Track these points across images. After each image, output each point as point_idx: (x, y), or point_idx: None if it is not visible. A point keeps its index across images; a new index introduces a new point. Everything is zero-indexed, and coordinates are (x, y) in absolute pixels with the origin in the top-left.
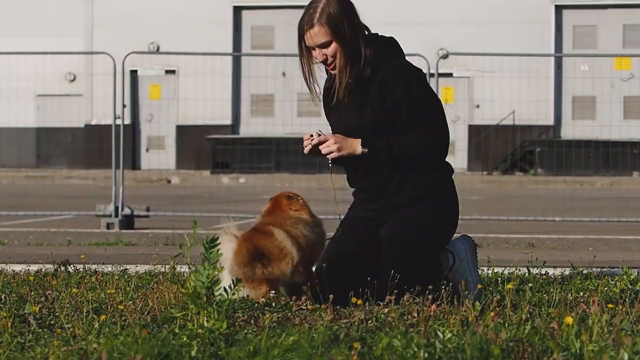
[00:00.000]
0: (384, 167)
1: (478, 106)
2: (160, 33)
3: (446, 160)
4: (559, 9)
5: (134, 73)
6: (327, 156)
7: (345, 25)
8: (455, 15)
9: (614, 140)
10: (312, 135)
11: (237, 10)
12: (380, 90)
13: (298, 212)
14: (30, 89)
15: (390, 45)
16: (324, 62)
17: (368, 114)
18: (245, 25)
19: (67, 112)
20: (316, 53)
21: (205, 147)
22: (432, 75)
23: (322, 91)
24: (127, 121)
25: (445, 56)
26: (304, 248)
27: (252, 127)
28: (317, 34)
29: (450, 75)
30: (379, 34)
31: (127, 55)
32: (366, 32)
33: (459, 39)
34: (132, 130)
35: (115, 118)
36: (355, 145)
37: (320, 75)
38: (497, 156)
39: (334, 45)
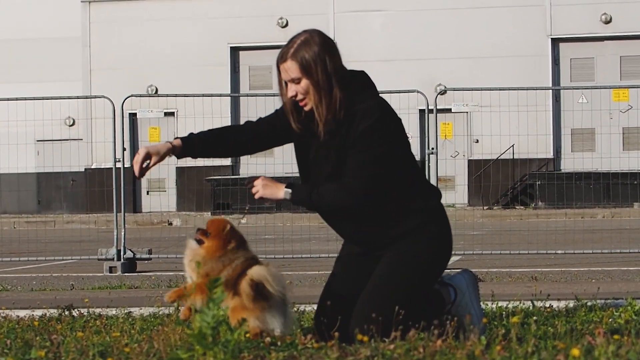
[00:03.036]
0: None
1: (477, 141)
2: (158, 75)
3: (431, 184)
4: (555, 42)
5: (132, 116)
6: (254, 196)
7: (319, 66)
8: (452, 50)
9: (614, 172)
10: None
11: (235, 51)
12: (347, 132)
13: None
14: (30, 134)
15: (364, 85)
16: (294, 97)
17: (336, 156)
18: (243, 65)
19: (67, 157)
20: (288, 87)
21: (205, 188)
22: (431, 111)
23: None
24: (127, 164)
25: (443, 92)
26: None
27: (252, 167)
28: (289, 68)
29: (449, 110)
30: (353, 70)
31: (126, 98)
32: (343, 74)
33: (456, 74)
34: (132, 174)
35: (115, 161)
36: (278, 190)
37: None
38: (497, 190)
39: (304, 82)
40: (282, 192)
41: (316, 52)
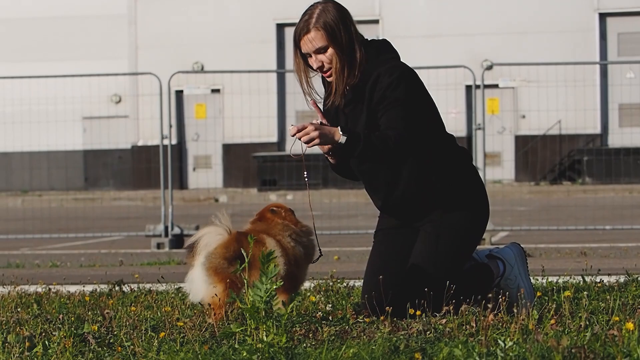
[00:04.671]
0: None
1: (524, 116)
2: (204, 52)
3: (460, 147)
4: (602, 16)
5: (179, 93)
6: (307, 145)
7: (342, 30)
8: (498, 25)
9: None
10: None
11: (280, 28)
12: (371, 93)
13: (284, 220)
14: (77, 112)
15: (381, 49)
16: (320, 68)
17: (361, 118)
18: (288, 41)
19: (113, 134)
20: (312, 60)
21: (251, 165)
22: (477, 86)
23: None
24: (174, 141)
25: (490, 67)
26: (291, 263)
27: (298, 143)
28: (314, 38)
29: (495, 86)
30: (372, 39)
31: (173, 75)
32: (361, 39)
33: (503, 50)
34: (179, 150)
35: (162, 138)
36: (334, 133)
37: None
38: (544, 166)
39: (330, 50)
40: (338, 134)
41: (337, 17)
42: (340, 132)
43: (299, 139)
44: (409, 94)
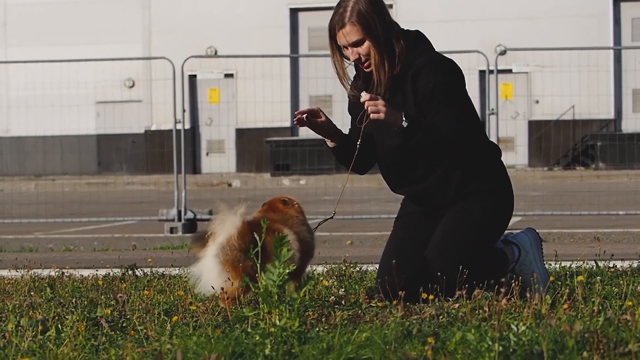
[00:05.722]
0: (420, 168)
1: (537, 102)
2: (217, 37)
3: (491, 141)
4: (616, 1)
5: (192, 78)
6: (371, 116)
7: (376, 22)
8: (512, 10)
9: None
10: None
11: (294, 12)
12: (413, 84)
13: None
14: (91, 96)
15: (419, 39)
16: (358, 60)
17: (402, 108)
18: (302, 27)
19: (127, 118)
20: (349, 52)
21: (265, 150)
22: (491, 71)
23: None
24: (187, 126)
25: (503, 52)
26: (304, 256)
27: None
28: (349, 33)
29: (509, 71)
30: (407, 29)
31: (186, 59)
32: (396, 28)
33: (516, 35)
34: (192, 135)
35: (175, 123)
36: (397, 117)
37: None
38: (557, 151)
39: (366, 43)
40: (400, 120)
41: (371, 9)
42: (403, 118)
43: (367, 108)
44: (461, 88)
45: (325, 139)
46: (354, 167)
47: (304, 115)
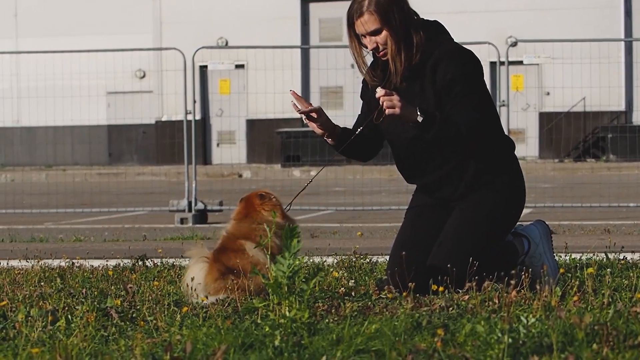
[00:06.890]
0: (435, 159)
1: (548, 93)
2: (228, 28)
3: (506, 134)
4: None
5: (203, 69)
6: (386, 111)
7: (395, 12)
8: (523, 1)
9: None
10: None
11: (305, 3)
12: (432, 74)
13: (270, 214)
14: (101, 87)
15: (438, 30)
16: (375, 49)
17: (419, 99)
18: (313, 18)
19: (137, 109)
20: (367, 41)
21: (275, 141)
22: (502, 63)
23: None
24: (198, 116)
25: (514, 44)
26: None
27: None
28: (367, 21)
29: (520, 63)
30: (426, 19)
31: (197, 50)
32: (415, 18)
33: (527, 26)
34: (203, 126)
35: (186, 113)
36: (412, 112)
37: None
38: (568, 143)
39: (384, 32)
40: (415, 114)
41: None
42: (418, 112)
43: (382, 104)
44: (479, 79)
45: (326, 139)
46: (354, 155)
47: (303, 114)
